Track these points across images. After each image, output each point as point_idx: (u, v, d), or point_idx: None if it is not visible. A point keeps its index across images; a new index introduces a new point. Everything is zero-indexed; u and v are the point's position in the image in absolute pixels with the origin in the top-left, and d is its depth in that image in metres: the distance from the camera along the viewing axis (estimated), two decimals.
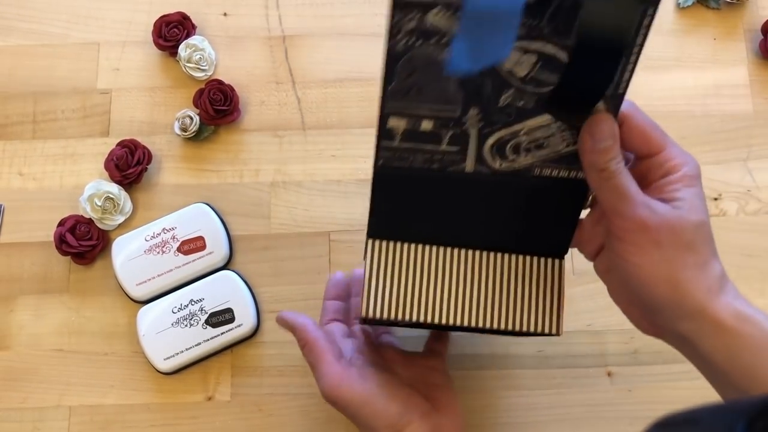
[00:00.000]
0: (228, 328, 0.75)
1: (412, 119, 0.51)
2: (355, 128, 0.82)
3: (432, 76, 0.48)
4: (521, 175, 0.54)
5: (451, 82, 0.49)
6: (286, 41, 0.85)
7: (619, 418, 0.74)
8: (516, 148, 0.53)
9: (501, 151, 0.53)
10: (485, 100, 0.50)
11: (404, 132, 0.52)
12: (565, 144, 0.52)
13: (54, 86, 0.84)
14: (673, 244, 0.47)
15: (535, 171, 0.54)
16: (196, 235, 0.77)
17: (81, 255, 0.77)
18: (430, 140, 0.52)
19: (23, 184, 0.81)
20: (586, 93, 0.49)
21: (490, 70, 0.48)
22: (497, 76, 0.49)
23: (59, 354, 0.77)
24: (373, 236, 0.58)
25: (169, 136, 0.82)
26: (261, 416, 0.75)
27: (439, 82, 0.49)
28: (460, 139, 0.52)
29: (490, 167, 0.54)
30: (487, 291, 0.57)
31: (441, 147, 0.53)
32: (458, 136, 0.52)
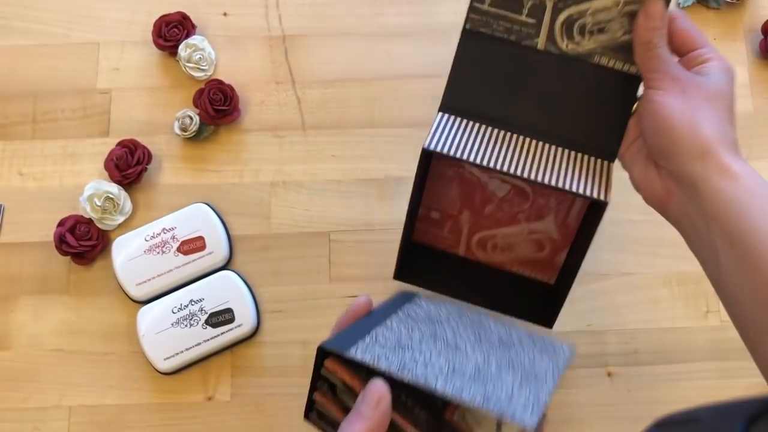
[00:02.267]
0: (228, 328, 0.75)
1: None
2: (355, 128, 0.82)
3: None
4: (583, 59, 0.62)
5: None
6: (286, 41, 0.85)
7: (619, 418, 0.74)
8: (582, 29, 0.61)
9: (569, 30, 0.62)
10: None
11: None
12: (622, 31, 0.60)
13: (54, 86, 0.84)
14: (697, 94, 0.55)
15: (596, 58, 0.62)
16: (196, 235, 0.77)
17: (81, 255, 0.77)
18: (512, 8, 0.62)
19: (23, 184, 0.81)
20: None
21: None
22: None
23: (59, 354, 0.77)
24: (445, 110, 0.64)
25: (168, 136, 0.82)
26: (261, 416, 0.75)
27: None
28: (537, 10, 0.61)
29: (558, 47, 0.62)
30: (543, 162, 0.62)
31: (521, 17, 0.62)
32: (536, 6, 0.61)
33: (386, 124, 0.82)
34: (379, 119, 0.82)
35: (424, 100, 0.83)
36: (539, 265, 0.72)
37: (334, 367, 0.50)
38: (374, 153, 0.81)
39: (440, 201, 0.71)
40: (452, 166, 0.70)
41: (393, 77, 0.84)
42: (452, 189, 0.71)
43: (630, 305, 0.77)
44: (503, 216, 0.71)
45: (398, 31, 0.85)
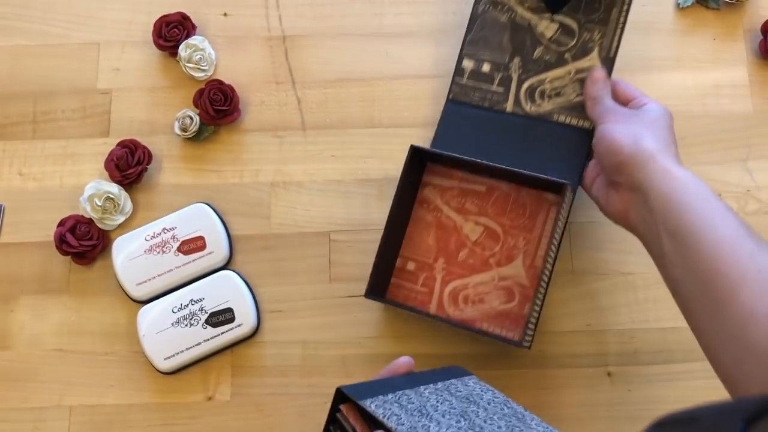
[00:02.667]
0: (228, 328, 0.75)
1: (477, 62, 0.79)
2: (355, 128, 0.82)
3: (495, 32, 0.79)
4: (545, 118, 0.77)
5: (504, 37, 0.78)
6: (286, 41, 0.85)
7: (619, 418, 0.74)
8: (542, 94, 0.77)
9: (532, 95, 0.77)
10: (525, 52, 0.78)
11: (471, 72, 0.79)
12: (575, 94, 0.76)
13: (54, 86, 0.84)
14: (638, 121, 0.67)
15: (554, 117, 0.76)
16: (196, 235, 0.77)
17: (81, 255, 0.77)
18: (486, 80, 0.78)
19: (23, 184, 0.81)
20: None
21: (528, 29, 0.78)
22: (533, 35, 0.78)
23: (59, 354, 0.77)
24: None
25: (169, 136, 0.82)
26: (261, 416, 0.75)
27: (498, 36, 0.79)
28: (505, 81, 0.78)
29: (523, 109, 0.77)
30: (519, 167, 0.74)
31: (492, 87, 0.78)
32: (504, 79, 0.78)
33: (386, 124, 0.82)
34: (379, 119, 0.82)
35: (424, 100, 0.83)
36: (508, 320, 0.74)
37: (348, 413, 0.51)
38: (374, 153, 0.82)
39: (417, 249, 0.77)
40: (432, 210, 0.77)
41: (393, 77, 0.84)
42: (430, 235, 0.77)
43: (630, 305, 0.77)
44: (476, 262, 0.76)
45: (398, 31, 0.85)
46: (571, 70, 0.77)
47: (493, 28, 0.79)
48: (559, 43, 0.78)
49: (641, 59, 0.83)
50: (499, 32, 0.79)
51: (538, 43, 0.78)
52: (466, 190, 0.77)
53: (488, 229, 0.77)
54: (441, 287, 0.76)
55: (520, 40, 0.78)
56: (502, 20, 0.79)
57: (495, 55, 0.79)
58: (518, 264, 0.75)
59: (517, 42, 0.78)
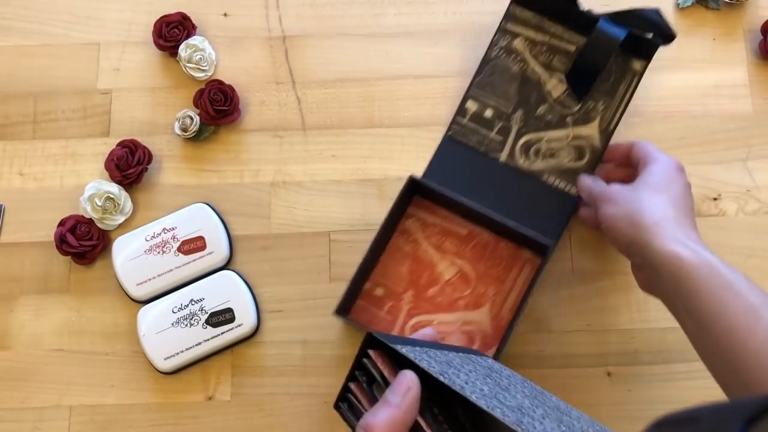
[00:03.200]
0: (228, 328, 0.75)
1: (482, 105, 0.80)
2: (355, 128, 0.82)
3: (504, 79, 0.80)
4: (535, 176, 0.78)
5: (512, 87, 0.80)
6: (286, 41, 0.85)
7: (619, 418, 0.74)
8: (537, 151, 0.78)
9: (527, 151, 0.78)
10: (529, 106, 0.79)
11: (473, 114, 0.80)
12: (568, 158, 0.78)
13: (54, 86, 0.84)
14: (632, 195, 0.65)
15: (544, 177, 0.78)
16: (197, 235, 0.77)
17: (81, 255, 0.77)
18: (486, 126, 0.79)
19: (24, 184, 0.81)
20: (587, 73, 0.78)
21: (537, 84, 0.79)
22: (541, 92, 0.79)
23: (59, 354, 0.77)
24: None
25: (169, 137, 0.82)
26: (261, 416, 0.75)
27: (506, 84, 0.80)
28: (504, 131, 0.79)
29: (516, 162, 0.78)
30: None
31: (491, 134, 0.79)
32: (504, 128, 0.79)
33: (386, 124, 0.82)
34: (379, 119, 0.82)
35: (424, 100, 0.83)
36: None
37: (377, 358, 0.49)
38: (374, 153, 0.82)
39: (389, 276, 0.77)
40: (411, 242, 0.78)
41: (393, 77, 0.84)
42: (404, 266, 0.78)
43: (630, 305, 0.77)
44: (444, 300, 0.76)
45: (398, 31, 0.85)
46: (570, 135, 0.78)
47: (503, 75, 0.80)
48: (564, 105, 0.79)
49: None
50: (509, 81, 0.80)
51: (544, 100, 0.79)
52: (447, 230, 0.78)
53: (462, 272, 0.77)
54: (405, 318, 0.76)
55: (527, 93, 0.79)
56: (514, 70, 0.80)
57: (500, 102, 0.80)
58: (485, 311, 0.76)
59: (524, 95, 0.79)
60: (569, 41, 0.79)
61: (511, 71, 0.80)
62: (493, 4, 0.85)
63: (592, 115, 0.78)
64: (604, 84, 0.78)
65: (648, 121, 0.81)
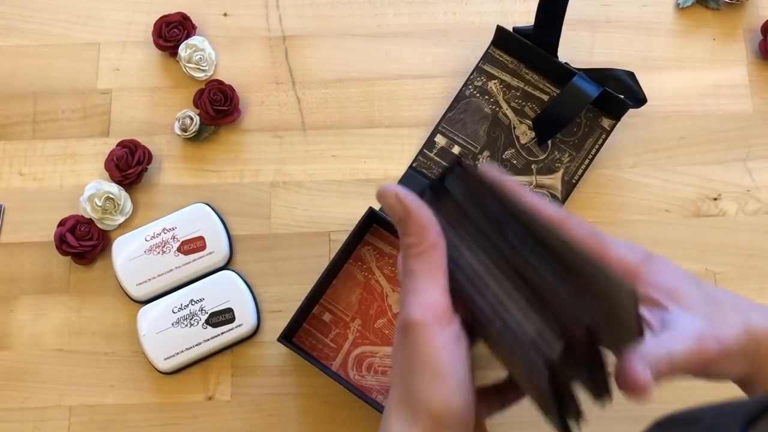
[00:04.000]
0: (228, 328, 0.75)
1: (450, 141, 0.80)
2: (355, 128, 0.82)
3: (475, 119, 0.80)
4: None
5: (482, 127, 0.80)
6: (286, 41, 0.85)
7: (619, 418, 0.74)
8: None
9: None
10: (496, 148, 0.80)
11: (441, 148, 0.80)
12: None
13: (54, 86, 0.84)
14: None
15: None
16: (197, 235, 0.77)
17: (81, 255, 0.77)
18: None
19: (23, 184, 0.81)
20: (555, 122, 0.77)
21: (507, 128, 0.80)
22: (510, 136, 0.80)
23: (59, 354, 0.77)
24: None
25: (169, 137, 0.82)
26: (261, 416, 0.75)
27: (476, 124, 0.80)
28: None
29: None
30: None
31: None
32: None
33: (386, 124, 0.82)
34: (379, 119, 0.82)
35: (424, 100, 0.83)
36: None
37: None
38: (374, 153, 0.82)
39: (339, 302, 0.77)
40: (364, 270, 0.77)
41: (393, 77, 0.84)
42: (355, 294, 0.77)
43: None
44: (391, 334, 0.76)
45: (398, 31, 0.85)
46: (533, 182, 0.79)
47: (474, 114, 0.81)
48: (531, 152, 0.79)
49: (641, 59, 0.83)
50: (479, 121, 0.80)
51: (512, 144, 0.80)
52: None
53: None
54: (350, 347, 0.76)
55: (496, 135, 0.80)
56: (485, 110, 0.81)
57: (468, 140, 0.80)
58: None
59: (493, 136, 0.80)
60: (543, 90, 0.81)
61: (483, 111, 0.81)
62: (493, 4, 0.85)
63: (556, 165, 0.79)
64: (572, 137, 0.79)
65: (648, 121, 0.81)
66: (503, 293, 0.43)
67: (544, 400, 0.42)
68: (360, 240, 0.78)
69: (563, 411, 0.43)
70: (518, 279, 0.43)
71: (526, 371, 0.41)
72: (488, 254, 0.44)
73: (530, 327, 0.41)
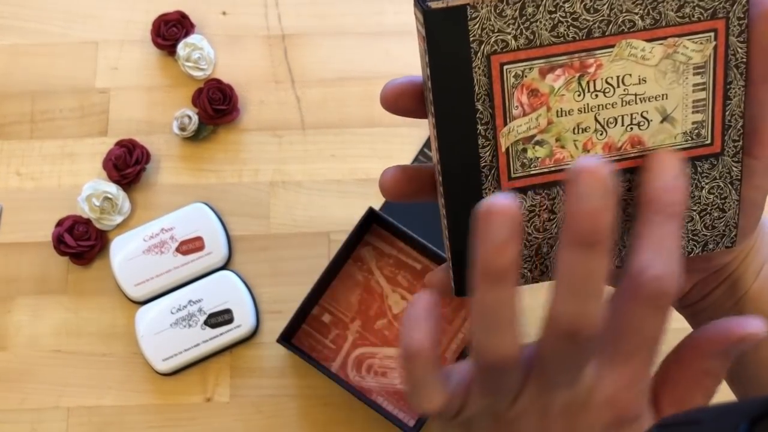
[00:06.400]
0: (227, 329, 0.74)
1: None
2: (355, 128, 0.82)
3: None
4: None
5: None
6: (285, 40, 0.85)
7: None
8: None
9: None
10: None
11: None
12: None
13: (52, 85, 0.84)
14: None
15: None
16: (195, 236, 0.77)
17: (79, 255, 0.77)
18: None
19: (21, 183, 0.81)
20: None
21: None
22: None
23: (57, 355, 0.76)
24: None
25: (167, 136, 0.82)
26: (260, 417, 0.74)
27: None
28: None
29: None
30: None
31: None
32: None
33: (386, 124, 0.82)
34: (379, 119, 0.82)
35: None
36: (405, 401, 0.74)
37: None
38: (374, 153, 0.81)
39: (338, 303, 0.76)
40: (364, 271, 0.77)
41: (393, 76, 0.83)
42: (354, 294, 0.77)
43: None
44: (391, 334, 0.76)
45: (398, 30, 0.85)
46: None
47: None
48: None
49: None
50: None
51: None
52: (402, 263, 0.77)
53: None
54: (349, 348, 0.75)
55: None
56: None
57: None
58: None
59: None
60: None
61: None
62: None
63: None
64: None
65: None
66: None
67: None
68: (360, 240, 0.78)
69: None
70: None
71: None
72: None
73: None
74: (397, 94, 0.41)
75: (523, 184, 0.36)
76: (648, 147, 0.36)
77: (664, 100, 0.35)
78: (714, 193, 0.38)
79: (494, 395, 0.35)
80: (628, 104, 0.35)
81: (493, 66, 0.34)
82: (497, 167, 0.36)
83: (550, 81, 0.34)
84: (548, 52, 0.34)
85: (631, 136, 0.36)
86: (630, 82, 0.35)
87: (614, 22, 0.34)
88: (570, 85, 0.35)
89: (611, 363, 0.34)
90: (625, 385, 0.34)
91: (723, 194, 0.38)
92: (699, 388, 0.38)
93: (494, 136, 0.35)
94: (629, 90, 0.35)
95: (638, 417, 0.35)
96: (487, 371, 0.34)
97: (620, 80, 0.35)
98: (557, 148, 0.36)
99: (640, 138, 0.36)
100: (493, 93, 0.34)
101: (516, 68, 0.34)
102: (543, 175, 0.36)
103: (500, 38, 0.34)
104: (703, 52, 0.35)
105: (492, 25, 0.33)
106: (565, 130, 0.35)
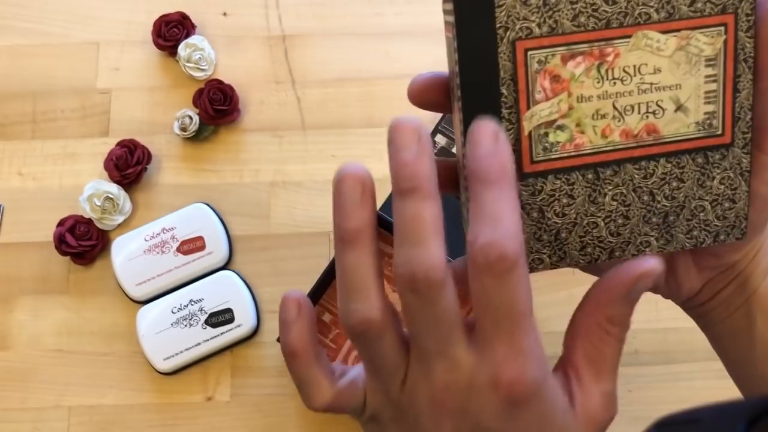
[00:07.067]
0: (228, 329, 0.75)
1: (450, 141, 0.79)
2: (355, 128, 0.82)
3: None
4: None
5: None
6: (285, 41, 0.85)
7: (619, 418, 0.74)
8: None
9: None
10: None
11: (441, 148, 0.79)
12: None
13: (53, 86, 0.84)
14: None
15: None
16: (196, 235, 0.77)
17: (80, 255, 0.77)
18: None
19: (23, 184, 0.81)
20: None
21: None
22: None
23: (59, 354, 0.77)
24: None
25: (168, 136, 0.82)
26: (260, 416, 0.75)
27: None
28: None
29: None
30: None
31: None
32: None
33: (386, 124, 0.82)
34: (379, 119, 0.82)
35: None
36: None
37: None
38: (374, 153, 0.81)
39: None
40: None
41: (393, 77, 0.84)
42: None
43: None
44: None
45: (398, 30, 0.85)
46: None
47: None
48: None
49: None
50: None
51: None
52: None
53: None
54: (350, 348, 0.75)
55: None
56: None
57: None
58: None
59: None
60: None
61: None
62: None
63: None
64: None
65: None
66: None
67: None
68: None
69: None
70: None
71: None
72: None
73: None
74: (423, 88, 0.42)
75: (544, 168, 0.38)
76: (662, 135, 0.38)
77: (678, 90, 0.37)
78: (725, 183, 0.39)
79: (378, 373, 0.35)
80: (645, 92, 0.37)
81: (518, 52, 0.36)
82: (520, 150, 0.37)
83: (571, 68, 0.36)
84: (570, 40, 0.36)
85: (647, 124, 0.37)
86: (646, 72, 0.37)
87: (631, 14, 0.36)
88: (590, 72, 0.36)
89: (482, 342, 0.33)
90: (501, 362, 0.32)
91: (733, 185, 0.39)
92: (607, 338, 0.40)
93: (518, 120, 0.37)
94: (645, 79, 0.37)
95: (536, 390, 0.33)
96: (356, 340, 0.34)
97: (637, 69, 0.37)
98: (577, 133, 0.37)
99: (656, 126, 0.38)
100: (518, 78, 0.36)
101: (539, 54, 0.36)
102: (563, 160, 0.38)
103: (525, 25, 0.36)
104: (714, 45, 0.37)
105: (517, 13, 0.35)
106: (585, 116, 0.37)
